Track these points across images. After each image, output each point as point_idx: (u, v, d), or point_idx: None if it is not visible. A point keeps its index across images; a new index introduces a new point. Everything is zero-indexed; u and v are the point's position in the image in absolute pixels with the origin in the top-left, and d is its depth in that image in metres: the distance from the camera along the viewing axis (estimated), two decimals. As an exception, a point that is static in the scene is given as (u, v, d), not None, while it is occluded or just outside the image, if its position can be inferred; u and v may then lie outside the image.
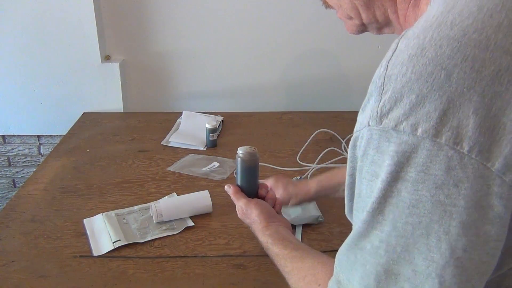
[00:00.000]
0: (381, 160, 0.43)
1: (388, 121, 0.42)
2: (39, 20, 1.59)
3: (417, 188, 0.41)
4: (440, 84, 0.40)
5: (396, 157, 0.42)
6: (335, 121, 1.64)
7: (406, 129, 0.41)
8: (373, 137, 0.43)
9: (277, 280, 0.92)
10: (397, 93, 0.42)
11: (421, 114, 0.40)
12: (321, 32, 1.71)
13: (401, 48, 0.44)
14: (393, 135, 0.42)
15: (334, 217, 1.11)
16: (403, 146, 0.41)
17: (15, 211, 1.12)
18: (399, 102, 0.41)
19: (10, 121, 1.76)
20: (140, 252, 0.99)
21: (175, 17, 1.67)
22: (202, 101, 1.80)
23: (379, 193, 0.43)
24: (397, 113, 0.41)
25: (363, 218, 0.46)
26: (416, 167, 0.41)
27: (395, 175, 0.42)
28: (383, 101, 0.42)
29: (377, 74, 0.45)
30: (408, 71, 0.41)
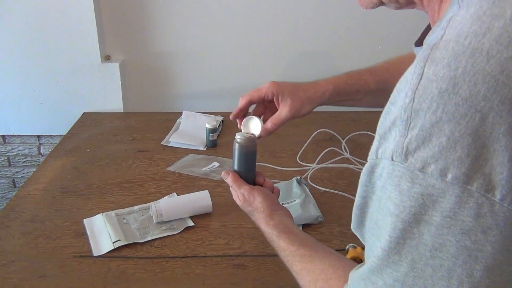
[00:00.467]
0: (399, 199, 0.41)
1: (415, 160, 0.40)
2: (39, 20, 1.59)
3: (441, 233, 0.39)
4: (474, 128, 0.37)
5: (421, 200, 0.39)
6: (335, 121, 1.64)
7: (434, 173, 0.39)
8: (395, 173, 0.41)
9: (277, 280, 0.92)
10: (426, 132, 0.39)
11: (452, 159, 0.38)
12: (321, 32, 1.71)
13: (429, 76, 0.40)
14: (418, 176, 0.39)
15: (334, 217, 1.11)
16: (429, 190, 0.39)
17: (15, 211, 1.12)
18: (427, 142, 0.39)
19: (10, 121, 1.76)
20: (140, 252, 0.99)
21: (175, 17, 1.67)
22: (202, 101, 1.80)
23: (397, 233, 0.42)
24: (425, 154, 0.39)
25: (378, 254, 0.44)
26: (442, 212, 0.39)
27: (418, 217, 0.40)
28: (409, 137, 0.40)
29: (402, 103, 0.41)
30: (438, 110, 0.38)
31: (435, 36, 0.44)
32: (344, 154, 1.40)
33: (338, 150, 1.42)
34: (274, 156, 1.40)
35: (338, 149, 1.42)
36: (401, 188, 0.41)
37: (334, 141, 1.49)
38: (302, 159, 1.38)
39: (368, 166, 0.46)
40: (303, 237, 0.73)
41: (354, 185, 1.35)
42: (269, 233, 0.76)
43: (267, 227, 0.77)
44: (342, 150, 1.42)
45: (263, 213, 0.79)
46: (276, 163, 1.35)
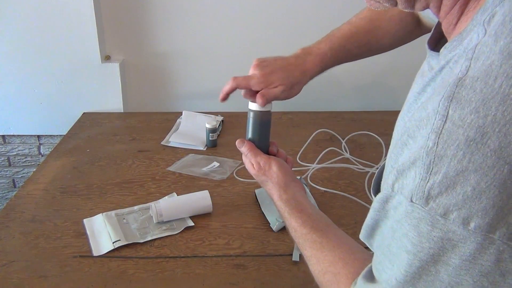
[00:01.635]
0: (418, 240, 0.41)
1: (436, 206, 0.39)
2: (39, 20, 1.59)
3: (459, 273, 0.39)
4: (502, 180, 0.36)
5: (440, 243, 0.39)
6: (335, 121, 1.64)
7: (456, 220, 0.38)
8: (414, 214, 0.41)
9: (277, 280, 0.92)
10: (450, 180, 0.38)
11: (476, 209, 0.37)
12: (321, 32, 1.70)
13: (454, 121, 0.38)
14: (439, 221, 0.39)
15: (334, 217, 1.10)
16: (450, 235, 0.38)
17: (15, 211, 1.12)
18: (451, 190, 0.38)
19: (10, 121, 1.76)
20: (140, 252, 0.99)
21: (175, 17, 1.67)
22: (202, 101, 1.80)
23: (413, 269, 0.42)
24: (447, 201, 0.38)
25: (391, 283, 0.45)
26: (461, 256, 0.39)
27: (436, 258, 0.40)
28: (431, 182, 0.39)
29: (423, 143, 0.40)
30: (465, 159, 0.37)
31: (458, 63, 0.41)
32: (344, 154, 1.40)
33: (338, 150, 1.42)
34: (274, 156, 1.40)
35: (338, 149, 1.42)
36: (420, 230, 0.40)
37: (334, 141, 1.49)
38: (302, 159, 1.38)
39: (383, 196, 0.45)
40: (316, 218, 0.71)
41: (354, 185, 1.36)
42: (282, 208, 0.74)
43: (280, 201, 0.74)
44: (342, 150, 1.42)
45: (278, 185, 0.75)
46: (276, 163, 1.34)
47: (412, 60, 1.77)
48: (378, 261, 0.49)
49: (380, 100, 1.82)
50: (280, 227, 1.05)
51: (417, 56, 1.95)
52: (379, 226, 0.48)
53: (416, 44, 1.82)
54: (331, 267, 0.61)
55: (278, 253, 0.99)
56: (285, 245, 1.01)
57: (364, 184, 1.24)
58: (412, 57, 1.77)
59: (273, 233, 1.05)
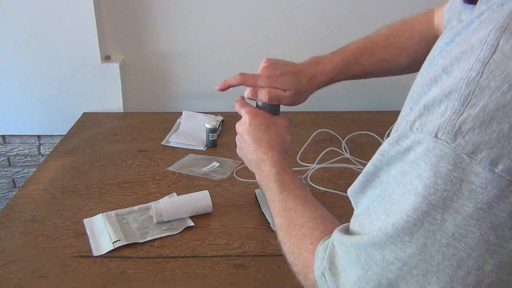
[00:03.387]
0: (433, 181, 0.37)
1: (465, 143, 0.35)
2: (39, 20, 1.59)
3: (468, 224, 0.36)
4: None
5: (458, 186, 0.36)
6: (335, 121, 1.64)
7: (484, 160, 0.35)
8: (435, 151, 0.37)
9: (277, 280, 0.92)
10: (488, 114, 0.35)
11: (509, 149, 0.34)
12: (321, 32, 1.71)
13: (505, 51, 0.35)
14: (464, 161, 0.35)
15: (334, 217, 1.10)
16: (471, 177, 0.35)
17: (15, 211, 1.12)
18: (486, 125, 0.34)
19: (10, 121, 1.76)
20: (140, 252, 0.99)
21: (175, 17, 1.67)
22: (202, 101, 1.80)
23: (418, 214, 0.38)
24: (479, 138, 0.35)
25: (386, 230, 0.41)
26: (476, 204, 0.35)
27: (448, 204, 0.36)
28: (465, 115, 0.35)
29: (463, 74, 0.37)
30: (510, 92, 0.34)
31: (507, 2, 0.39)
32: (344, 154, 1.40)
33: (338, 150, 1.42)
34: (274, 156, 1.40)
35: (338, 149, 1.42)
36: (439, 169, 0.36)
37: (334, 141, 1.49)
38: (302, 159, 1.38)
39: (395, 137, 0.41)
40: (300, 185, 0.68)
41: (354, 185, 1.34)
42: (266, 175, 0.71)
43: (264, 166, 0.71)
44: (342, 150, 1.42)
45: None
46: (276, 163, 1.34)
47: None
48: (366, 214, 0.46)
49: (380, 100, 1.82)
50: (280, 227, 1.05)
51: (417, 56, 1.94)
52: (378, 175, 0.44)
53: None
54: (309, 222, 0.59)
55: (278, 253, 0.99)
56: (285, 245, 1.01)
57: (364, 184, 1.23)
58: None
59: (273, 233, 1.05)
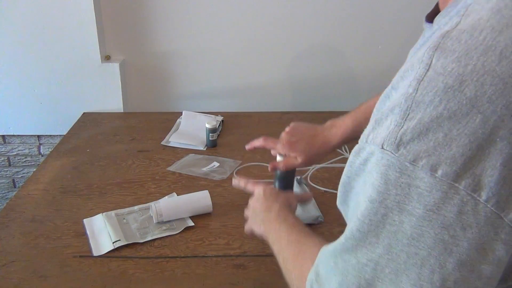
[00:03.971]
0: (385, 188, 0.41)
1: (406, 152, 0.39)
2: (39, 20, 1.59)
3: (422, 224, 0.39)
4: (474, 129, 0.37)
5: (407, 190, 0.39)
6: (335, 121, 1.64)
7: (425, 167, 0.38)
8: (383, 161, 0.41)
9: (277, 280, 0.92)
10: (423, 126, 0.38)
11: (445, 156, 0.38)
12: (321, 32, 1.71)
13: (436, 69, 0.39)
14: (408, 168, 0.39)
15: (334, 217, 1.11)
16: (417, 182, 0.39)
17: (15, 211, 1.12)
18: (423, 136, 0.38)
19: (10, 121, 1.76)
20: (140, 252, 0.99)
21: (175, 17, 1.67)
22: (202, 101, 1.80)
23: (379, 217, 0.42)
24: (418, 147, 0.39)
25: (354, 235, 0.44)
26: (425, 205, 0.39)
27: (401, 206, 0.40)
28: (405, 128, 0.39)
29: (404, 91, 0.40)
30: (441, 105, 0.38)
31: (449, 22, 0.42)
32: (344, 154, 1.40)
33: (338, 150, 1.42)
34: (274, 156, 1.40)
35: (338, 149, 1.42)
36: (388, 177, 0.40)
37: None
38: (302, 159, 1.37)
39: (357, 149, 0.46)
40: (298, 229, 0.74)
41: (354, 185, 1.33)
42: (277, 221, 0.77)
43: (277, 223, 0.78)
44: (342, 150, 1.42)
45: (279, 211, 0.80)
46: (276, 163, 1.35)
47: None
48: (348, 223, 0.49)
49: (380, 100, 1.82)
50: (280, 227, 1.05)
51: (417, 56, 1.93)
52: (351, 187, 0.48)
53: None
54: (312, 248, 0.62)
55: (278, 253, 0.99)
56: (285, 245, 1.01)
57: (364, 184, 1.24)
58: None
59: (273, 233, 1.05)
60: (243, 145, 1.48)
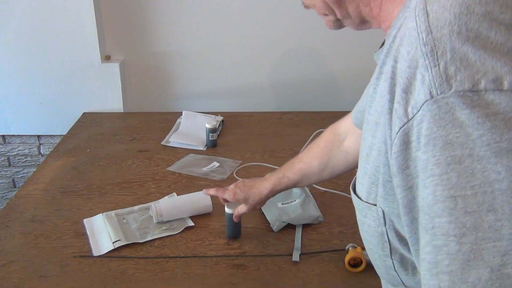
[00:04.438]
0: (464, 134, 0.33)
1: (460, 83, 0.34)
2: (39, 20, 1.59)
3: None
4: (505, 37, 0.35)
5: (489, 123, 0.33)
6: (335, 121, 1.64)
7: (488, 86, 0.33)
8: (442, 109, 0.34)
9: (277, 280, 0.92)
10: (459, 52, 0.35)
11: (500, 65, 0.33)
12: (321, 32, 1.70)
13: (435, 10, 0.37)
14: (473, 98, 0.33)
15: (334, 217, 1.11)
16: (492, 108, 0.33)
17: (15, 211, 1.12)
18: (466, 60, 0.34)
19: (10, 121, 1.76)
20: (140, 252, 0.99)
21: (175, 17, 1.67)
22: (202, 101, 1.80)
23: (477, 181, 0.33)
24: (469, 71, 0.34)
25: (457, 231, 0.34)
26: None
27: (496, 148, 0.32)
28: (443, 64, 0.35)
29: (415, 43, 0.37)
30: (462, 30, 0.35)
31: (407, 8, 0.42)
32: (344, 154, 1.39)
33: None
34: (274, 156, 1.41)
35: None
36: (461, 121, 0.33)
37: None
38: (302, 159, 1.37)
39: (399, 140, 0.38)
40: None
41: (354, 185, 1.34)
42: None
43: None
44: (342, 150, 1.42)
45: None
46: (276, 163, 1.34)
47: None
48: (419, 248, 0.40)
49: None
50: (280, 227, 1.05)
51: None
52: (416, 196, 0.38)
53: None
54: None
55: (278, 253, 0.99)
56: (285, 245, 1.01)
57: (364, 184, 1.23)
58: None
59: (273, 233, 1.05)
60: (243, 145, 1.48)
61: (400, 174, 0.39)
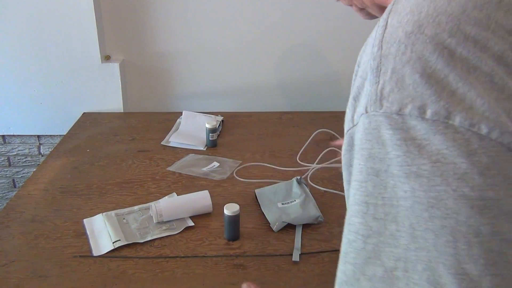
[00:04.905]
0: (384, 152, 0.37)
1: (390, 104, 0.36)
2: (39, 20, 1.59)
3: (435, 183, 0.34)
4: (445, 62, 0.36)
5: (405, 147, 0.35)
6: (335, 121, 1.64)
7: (412, 112, 0.35)
8: (371, 124, 0.37)
9: (277, 280, 0.92)
10: (398, 73, 0.37)
11: (428, 94, 0.35)
12: (321, 32, 1.71)
13: (393, 25, 0.39)
14: (398, 121, 0.36)
15: (334, 217, 1.11)
16: (411, 133, 0.35)
17: (15, 211, 1.12)
18: (401, 83, 0.36)
19: (10, 121, 1.76)
20: (140, 252, 0.99)
21: (175, 17, 1.67)
22: (202, 101, 1.80)
23: (387, 194, 0.37)
24: (400, 95, 0.36)
25: (364, 231, 0.38)
26: (430, 157, 0.34)
27: (407, 170, 0.35)
28: (382, 82, 0.37)
29: (369, 55, 0.40)
30: (407, 50, 0.37)
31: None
32: (344, 154, 1.40)
33: (338, 150, 1.42)
34: (274, 156, 1.41)
35: (338, 149, 1.42)
36: (383, 140, 0.37)
37: (334, 141, 1.49)
38: (302, 159, 1.38)
39: (345, 145, 0.41)
40: None
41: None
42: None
43: None
44: (342, 150, 1.42)
45: None
46: (276, 163, 1.35)
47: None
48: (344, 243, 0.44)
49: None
50: (280, 227, 1.05)
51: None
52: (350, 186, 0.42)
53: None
54: None
55: (278, 253, 0.99)
56: (285, 245, 1.01)
57: (364, 184, 1.24)
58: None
59: (273, 233, 1.05)
60: (243, 145, 1.48)
61: (345, 170, 0.43)
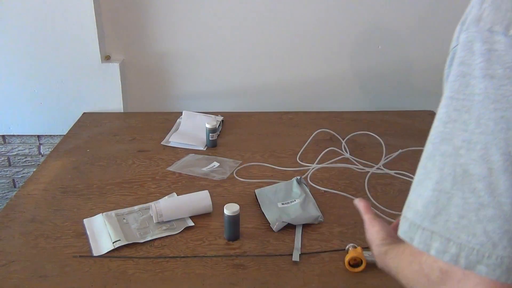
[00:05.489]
0: (472, 59, 0.45)
1: (484, 23, 0.45)
2: (39, 20, 1.59)
3: (503, 83, 0.43)
4: None
5: (488, 55, 0.44)
6: (335, 121, 1.64)
7: (500, 30, 0.44)
8: (468, 38, 0.46)
9: (277, 280, 0.92)
10: (497, 2, 0.45)
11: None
12: (321, 32, 1.71)
13: None
14: (487, 35, 0.45)
15: (334, 217, 1.11)
16: (495, 46, 0.44)
17: (15, 211, 1.12)
18: (497, 9, 0.45)
19: (10, 121, 1.76)
20: (140, 252, 0.99)
21: (175, 17, 1.67)
22: (202, 101, 1.80)
23: (468, 90, 0.45)
24: (494, 17, 0.45)
25: (446, 118, 0.47)
26: (504, 64, 0.43)
27: (485, 72, 0.44)
28: (482, 8, 0.46)
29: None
30: None
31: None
32: (344, 154, 1.40)
33: (338, 150, 1.42)
34: (274, 156, 1.41)
35: (338, 149, 1.42)
36: (473, 50, 0.46)
37: (334, 141, 1.49)
38: (302, 159, 1.38)
39: (450, 57, 0.49)
40: None
41: (354, 185, 1.36)
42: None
43: None
44: (342, 150, 1.42)
45: None
46: (276, 163, 1.35)
47: (412, 60, 1.77)
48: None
49: (380, 100, 1.83)
50: (280, 227, 1.05)
51: (418, 57, 1.94)
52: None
53: (417, 44, 1.82)
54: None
55: (278, 253, 0.99)
56: (285, 245, 1.01)
57: (364, 184, 1.24)
58: (412, 58, 1.77)
59: (273, 233, 1.05)
60: (243, 145, 1.48)
61: (444, 83, 0.51)
